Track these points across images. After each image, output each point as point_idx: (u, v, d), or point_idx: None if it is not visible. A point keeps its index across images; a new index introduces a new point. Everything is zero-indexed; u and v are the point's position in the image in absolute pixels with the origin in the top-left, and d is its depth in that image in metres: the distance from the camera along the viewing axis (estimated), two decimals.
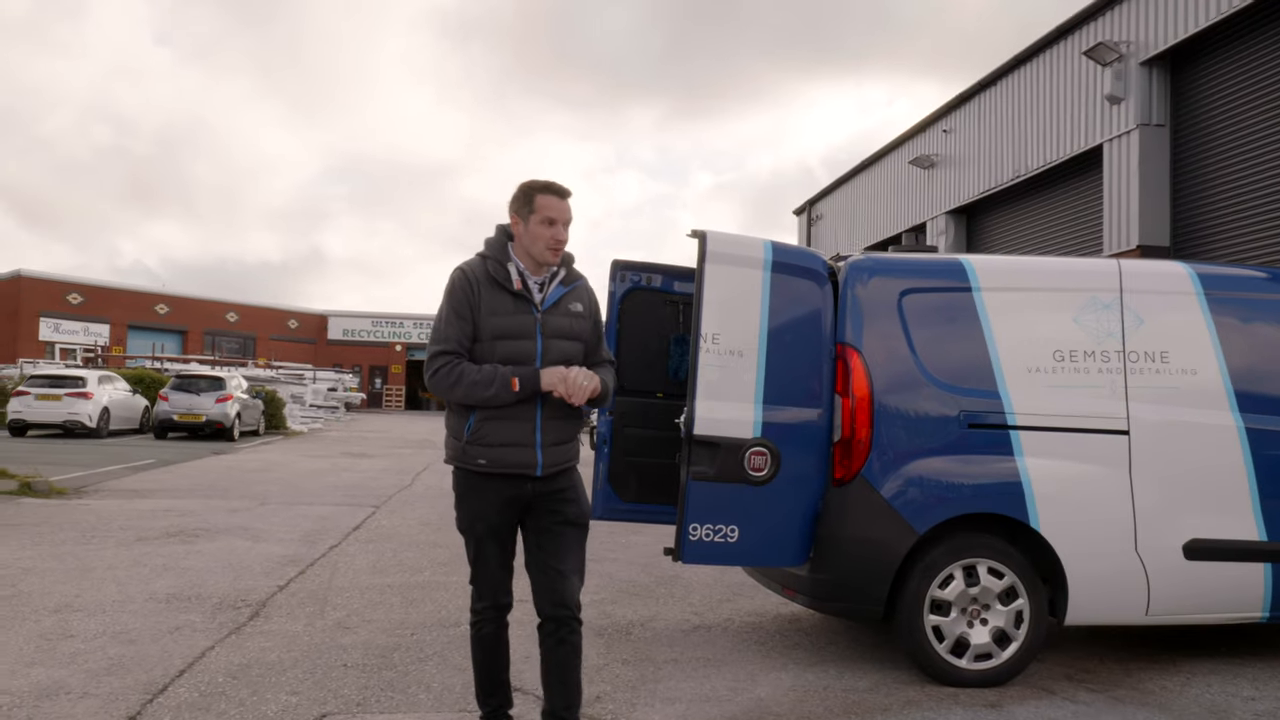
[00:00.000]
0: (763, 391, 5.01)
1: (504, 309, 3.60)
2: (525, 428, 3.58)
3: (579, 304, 3.76)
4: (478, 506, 3.66)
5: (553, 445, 3.64)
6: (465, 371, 3.53)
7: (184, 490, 13.29)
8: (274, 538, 9.33)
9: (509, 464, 3.58)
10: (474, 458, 3.60)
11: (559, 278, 3.72)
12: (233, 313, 53.91)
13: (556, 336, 3.65)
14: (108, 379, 25.57)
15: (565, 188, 3.67)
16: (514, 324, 3.60)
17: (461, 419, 3.63)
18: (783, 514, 5.04)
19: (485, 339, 3.58)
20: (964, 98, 17.70)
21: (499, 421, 3.57)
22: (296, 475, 16.06)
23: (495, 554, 3.73)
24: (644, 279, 6.41)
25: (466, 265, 3.69)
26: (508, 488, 3.62)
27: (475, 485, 3.66)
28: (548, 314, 3.66)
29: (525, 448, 3.58)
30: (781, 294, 5.09)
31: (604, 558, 8.60)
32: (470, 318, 3.59)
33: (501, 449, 3.57)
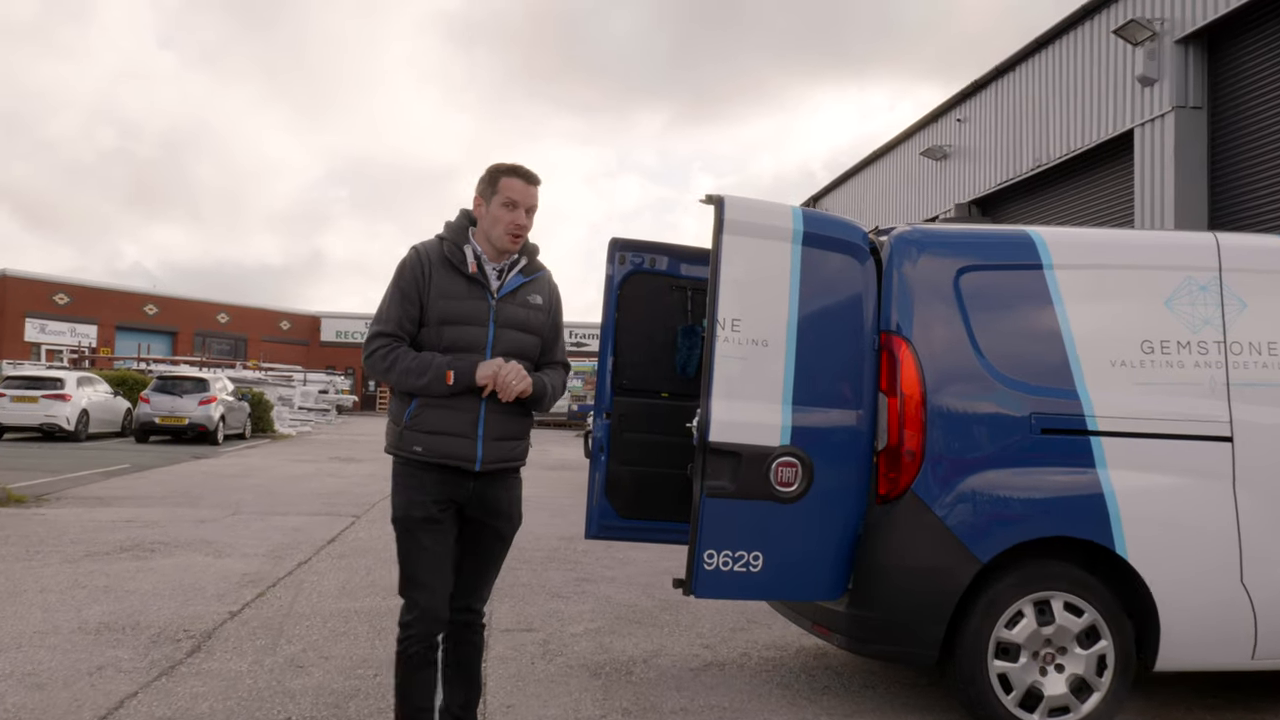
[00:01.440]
0: (792, 389, 4.15)
1: (456, 292, 3.42)
2: (467, 418, 3.39)
3: (538, 296, 3.57)
4: (413, 494, 3.43)
5: (495, 440, 3.44)
6: (400, 356, 3.37)
7: (153, 498, 12.42)
8: (238, 552, 8.47)
9: (446, 454, 3.38)
10: (410, 444, 3.40)
11: (519, 266, 3.53)
12: (224, 314, 53.02)
13: (510, 326, 3.47)
14: (87, 380, 24.68)
15: (534, 173, 3.49)
16: (465, 309, 3.42)
17: (403, 404, 3.44)
18: (815, 538, 4.18)
19: (433, 323, 3.41)
20: (979, 85, 16.82)
21: (440, 409, 3.38)
22: (276, 481, 15.20)
23: (430, 548, 3.42)
24: (646, 261, 5.56)
25: (421, 245, 3.51)
26: (444, 481, 3.42)
27: (411, 474, 3.44)
28: (503, 302, 3.47)
29: (465, 439, 3.39)
30: (814, 272, 4.23)
31: (598, 577, 7.73)
32: (417, 300, 3.41)
33: (439, 437, 3.38)
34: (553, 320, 3.63)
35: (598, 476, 5.45)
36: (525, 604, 6.70)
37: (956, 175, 17.86)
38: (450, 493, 3.43)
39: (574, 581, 7.53)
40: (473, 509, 3.49)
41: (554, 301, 3.66)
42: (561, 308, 3.71)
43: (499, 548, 3.63)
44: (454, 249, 3.47)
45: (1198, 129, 12.65)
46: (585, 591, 7.17)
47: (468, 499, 3.47)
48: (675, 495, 5.48)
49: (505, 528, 3.60)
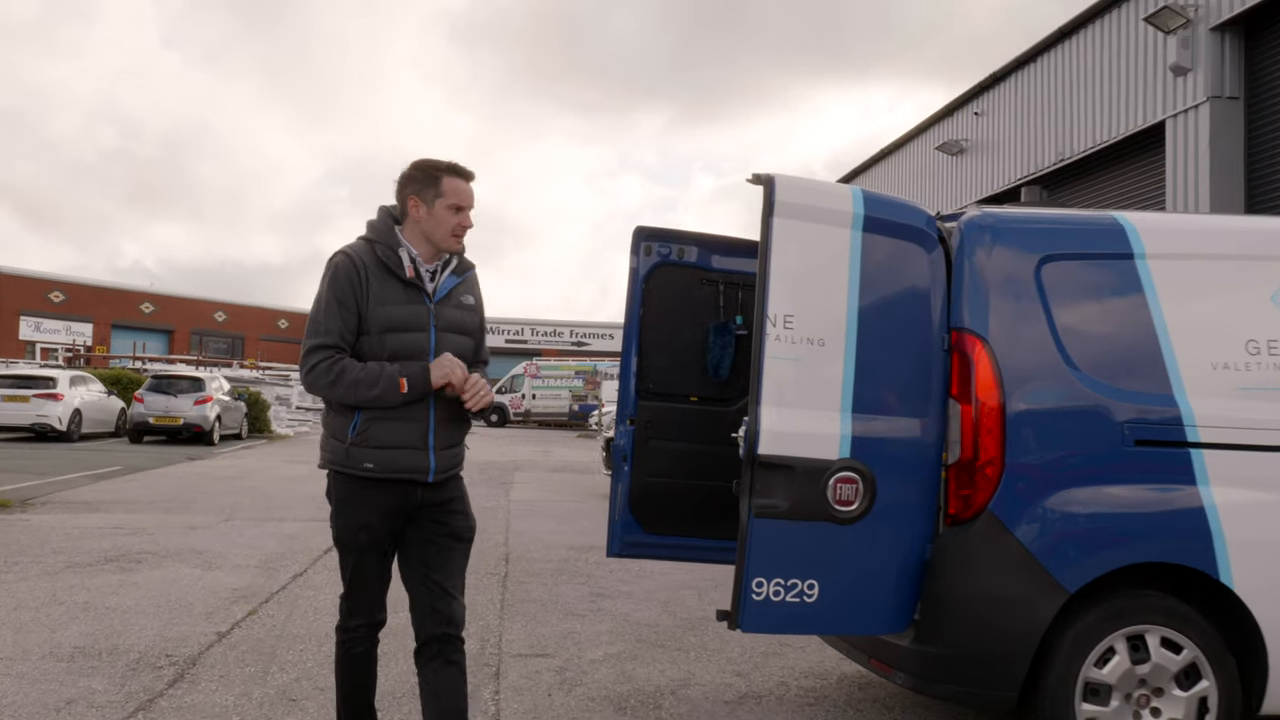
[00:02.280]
0: (852, 395, 3.65)
1: (395, 298, 3.28)
2: (417, 429, 3.28)
3: (470, 296, 3.49)
4: (362, 515, 3.32)
5: (445, 449, 3.36)
6: (347, 368, 3.21)
7: (143, 503, 11.92)
8: (230, 563, 7.97)
9: (399, 468, 3.27)
10: (360, 461, 3.26)
11: (451, 266, 3.42)
12: (221, 312, 52.51)
13: (449, 330, 3.37)
14: (81, 379, 24.16)
15: (471, 171, 3.39)
16: (406, 315, 3.28)
17: (345, 419, 3.28)
18: (877, 563, 3.68)
19: (374, 331, 3.26)
20: (998, 77, 16.28)
21: (388, 422, 3.25)
22: (272, 484, 14.70)
23: (376, 568, 3.42)
24: (674, 251, 5.08)
25: (351, 249, 3.33)
26: (394, 495, 3.30)
27: (359, 492, 3.30)
28: (440, 305, 3.37)
29: (417, 451, 3.29)
30: (877, 261, 3.73)
31: (614, 592, 7.23)
32: (355, 308, 3.25)
33: (392, 452, 3.26)
34: (481, 319, 3.56)
35: (620, 488, 4.96)
36: (538, 624, 6.20)
37: (974, 170, 17.32)
38: (398, 505, 3.33)
39: (589, 598, 7.03)
40: (425, 515, 3.38)
41: (480, 300, 3.57)
42: (483, 304, 3.60)
43: (459, 549, 3.46)
44: (389, 253, 3.32)
45: (1234, 120, 12.13)
46: (601, 609, 6.67)
47: (417, 507, 3.36)
48: (705, 509, 5.00)
49: (462, 526, 3.46)
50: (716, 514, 5.01)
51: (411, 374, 3.21)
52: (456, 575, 3.44)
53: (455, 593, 3.41)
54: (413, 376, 3.21)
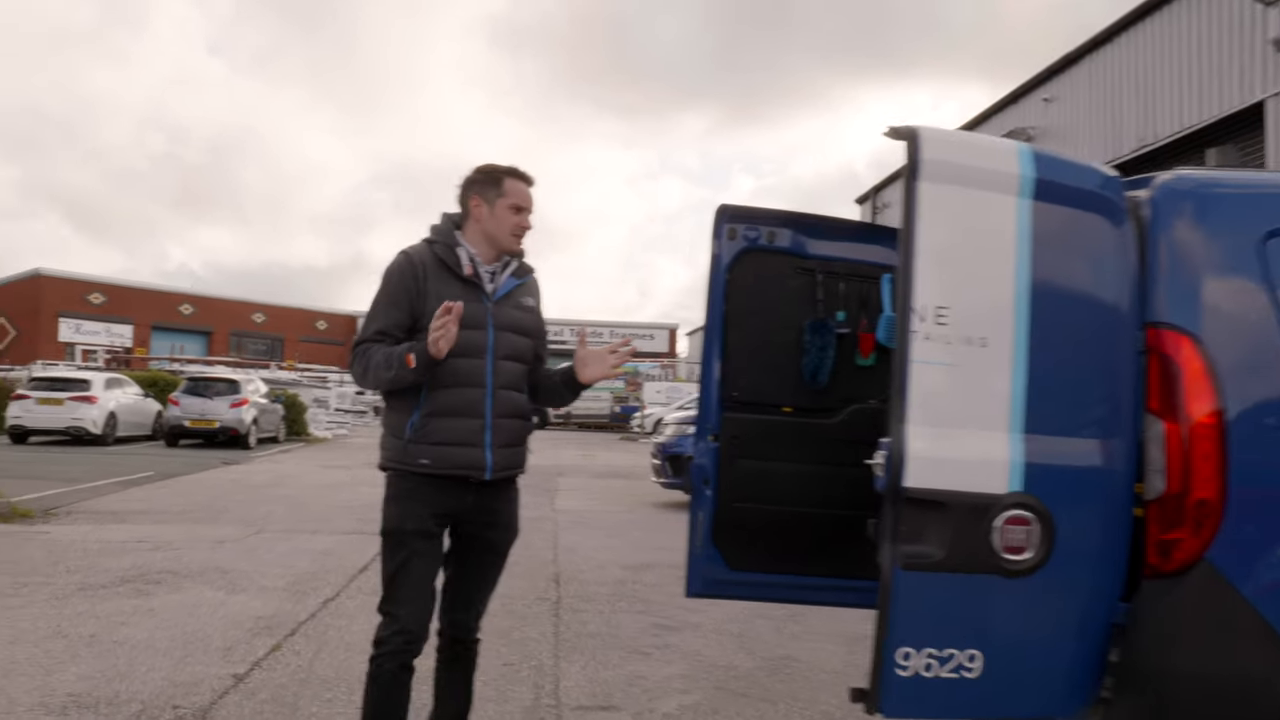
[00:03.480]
0: (1023, 410, 2.84)
1: (452, 296, 3.27)
2: (474, 425, 3.30)
3: (531, 298, 3.53)
4: (410, 509, 3.30)
5: (503, 447, 3.36)
6: (371, 355, 3.27)
7: (172, 513, 11.31)
8: (256, 585, 7.28)
9: (456, 464, 3.28)
10: (416, 457, 3.28)
11: (511, 269, 3.46)
12: (259, 314, 52.33)
13: (508, 329, 3.40)
14: (116, 382, 23.78)
15: (531, 175, 3.46)
16: (464, 312, 3.23)
17: (403, 416, 3.32)
18: (1055, 628, 2.86)
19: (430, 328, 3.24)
20: (1070, 59, 15.27)
21: (446, 419, 3.28)
22: (307, 491, 14.07)
23: (420, 566, 3.31)
24: (764, 235, 4.29)
25: (410, 249, 3.41)
26: (448, 496, 3.31)
27: (412, 488, 3.30)
28: (499, 305, 3.40)
29: (474, 448, 3.30)
30: (1051, 237, 2.92)
31: (680, 623, 6.44)
32: (408, 306, 3.31)
33: (448, 448, 3.27)
34: (542, 322, 3.60)
35: (702, 516, 4.18)
36: (600, 665, 5.42)
37: None
38: (450, 506, 3.33)
39: (652, 630, 6.25)
40: (470, 522, 3.40)
41: (540, 304, 3.60)
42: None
43: (493, 561, 3.52)
44: (448, 251, 3.37)
45: None
46: (669, 645, 5.88)
47: (466, 511, 3.36)
48: (802, 541, 4.22)
49: (502, 540, 3.51)
50: (816, 546, 4.23)
51: (417, 350, 3.18)
52: (485, 587, 3.52)
53: (476, 600, 3.50)
54: (419, 352, 3.18)
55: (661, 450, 13.49)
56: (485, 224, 3.40)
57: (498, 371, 3.34)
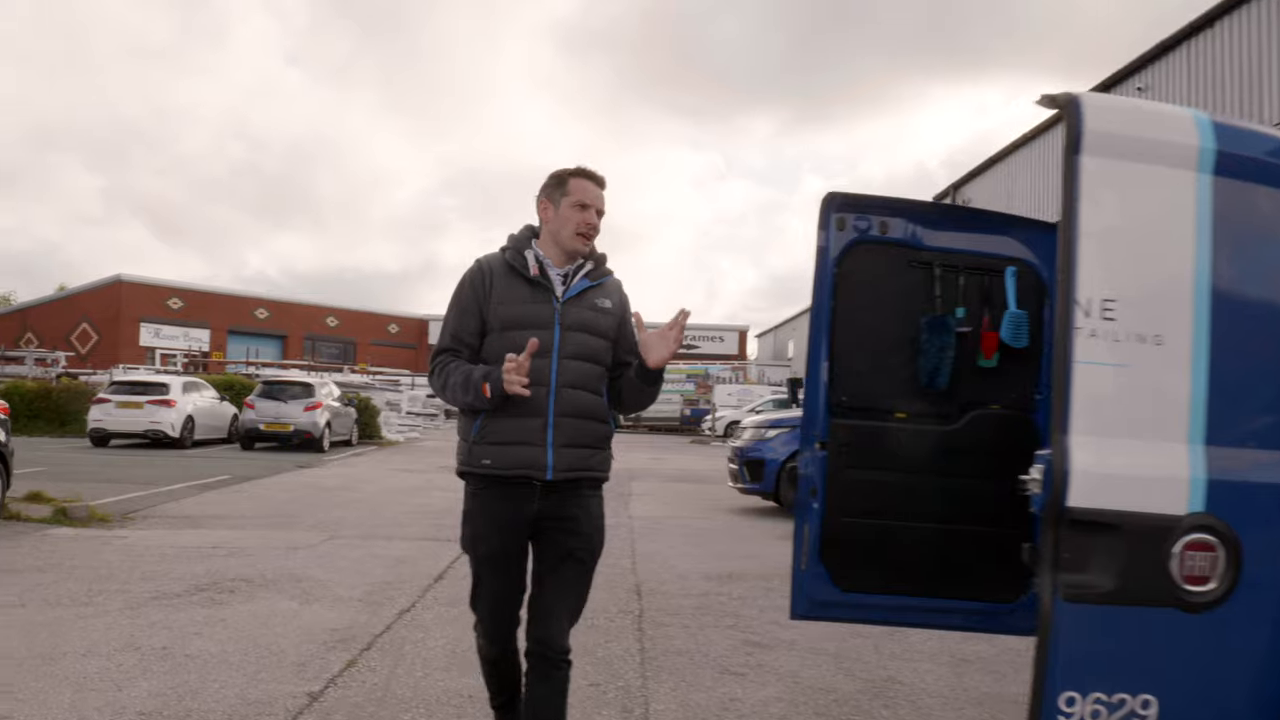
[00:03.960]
0: (1204, 416, 2.47)
1: (518, 297, 3.31)
2: (535, 424, 3.23)
3: (607, 300, 3.42)
4: (479, 527, 3.35)
5: (566, 446, 3.25)
6: (450, 373, 3.30)
7: (247, 517, 11.23)
8: (330, 595, 7.08)
9: (516, 464, 3.23)
10: (479, 458, 3.28)
11: (585, 270, 3.40)
12: (333, 317, 52.93)
13: (577, 329, 3.31)
14: (193, 386, 24.03)
15: (601, 175, 3.42)
16: (528, 313, 3.28)
17: (470, 419, 3.33)
18: (1241, 669, 2.48)
19: (496, 329, 3.31)
20: (1167, 46, 14.56)
21: (507, 419, 3.24)
22: (380, 495, 13.96)
23: (495, 585, 3.38)
24: (876, 225, 3.94)
25: (484, 257, 3.44)
26: (514, 507, 3.27)
27: (480, 497, 3.34)
28: (569, 305, 3.33)
29: (534, 446, 3.23)
30: (1235, 217, 2.54)
31: (772, 640, 6.10)
32: (476, 310, 3.35)
33: (508, 448, 3.24)
34: (625, 327, 3.47)
35: (808, 531, 3.85)
36: (690, 687, 5.10)
37: None
38: (520, 514, 3.29)
39: (743, 647, 5.91)
40: (545, 528, 3.32)
41: (624, 307, 3.49)
42: (630, 313, 3.51)
43: (575, 572, 3.36)
44: (515, 255, 3.38)
45: None
46: (762, 665, 5.53)
47: (537, 517, 3.30)
48: (920, 559, 3.86)
49: (582, 550, 3.36)
50: (934, 566, 3.87)
51: (494, 380, 3.17)
52: (566, 598, 3.35)
53: (559, 615, 3.33)
54: (495, 383, 3.17)
55: (739, 455, 13.12)
56: (551, 225, 3.39)
57: (563, 370, 3.27)
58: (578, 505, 3.34)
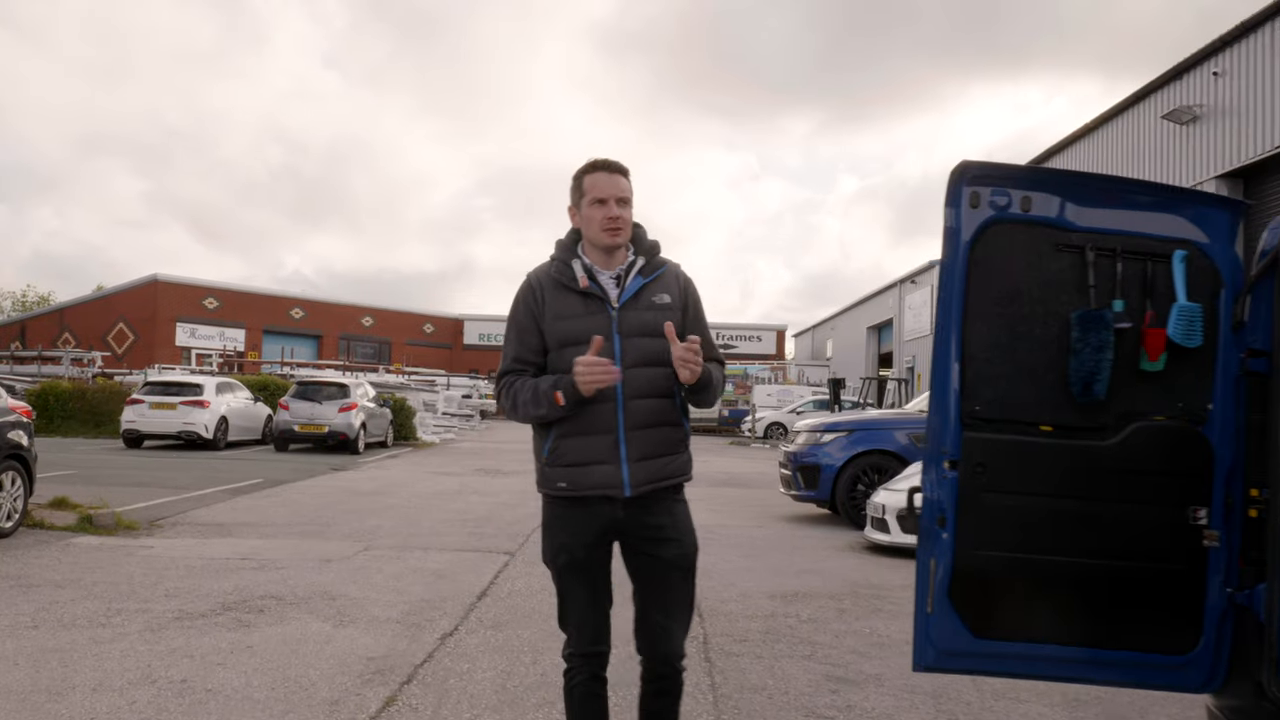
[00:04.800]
0: None
1: (572, 311, 3.19)
2: (606, 441, 3.12)
3: (665, 294, 3.24)
4: (559, 538, 3.23)
5: (642, 460, 3.13)
6: (519, 391, 3.19)
7: (279, 525, 10.72)
8: (366, 615, 6.52)
9: (591, 485, 3.13)
10: (554, 481, 3.19)
11: (637, 268, 3.24)
12: (368, 317, 52.73)
13: (637, 334, 3.18)
14: (227, 386, 23.68)
15: (616, 162, 3.26)
16: (585, 327, 3.14)
17: (541, 440, 3.25)
18: None
19: (554, 347, 3.19)
20: (1247, 27, 13.69)
21: (578, 437, 3.14)
22: (417, 500, 13.43)
23: (581, 594, 3.24)
24: (1017, 201, 3.30)
25: (534, 271, 3.33)
26: (593, 517, 3.16)
27: (559, 514, 3.24)
28: (625, 310, 3.19)
29: (608, 465, 3.12)
30: None
31: (856, 673, 5.46)
32: (533, 328, 3.23)
33: (581, 469, 3.13)
34: (692, 315, 3.30)
35: (937, 566, 3.22)
36: None
37: (1210, 142, 14.76)
38: (602, 526, 3.17)
39: (826, 684, 5.27)
40: (632, 537, 3.21)
41: (688, 295, 3.31)
42: (699, 299, 3.35)
43: (676, 579, 3.24)
44: (562, 267, 3.25)
45: None
46: (852, 707, 4.89)
47: (623, 528, 3.19)
48: (1071, 600, 3.22)
49: (678, 555, 3.23)
50: (1088, 609, 3.22)
51: (565, 386, 3.07)
52: (674, 606, 3.24)
53: (674, 627, 3.24)
54: (566, 389, 3.06)
55: (793, 460, 12.46)
56: (582, 229, 3.27)
57: (628, 381, 3.13)
58: (664, 513, 3.21)
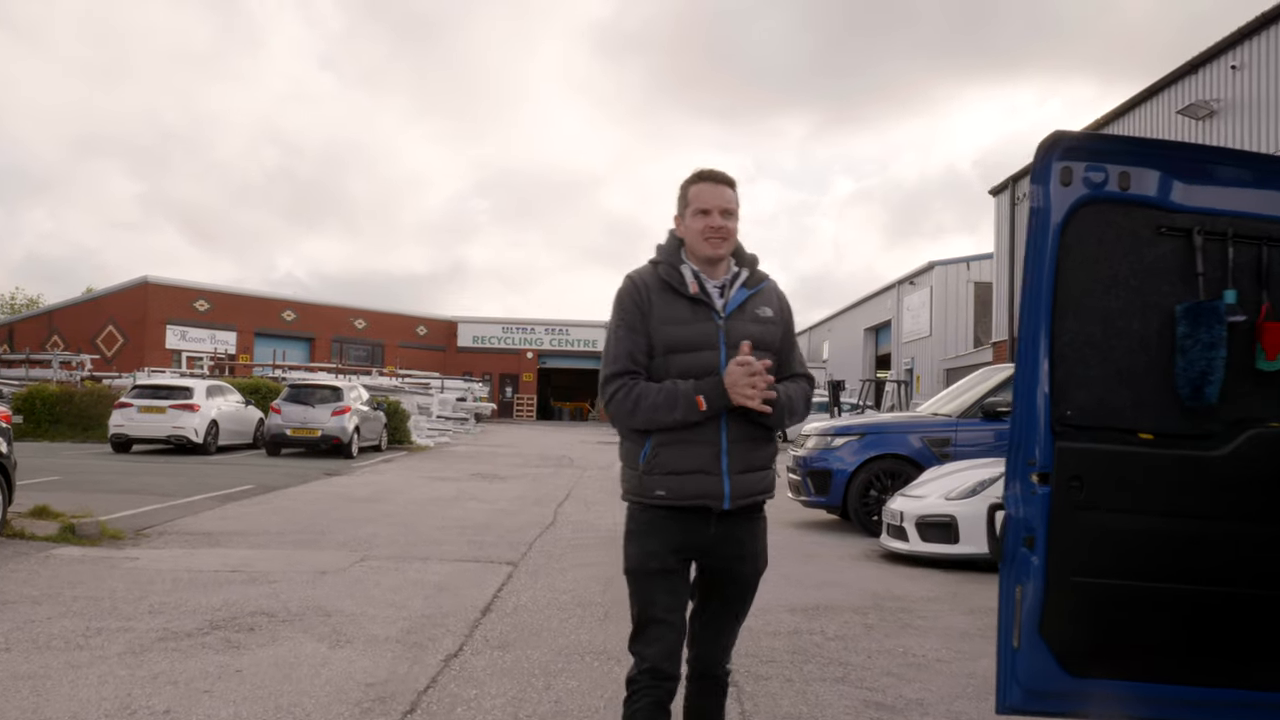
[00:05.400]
0: None
1: (680, 317, 3.17)
2: (708, 452, 3.11)
3: (768, 308, 3.28)
4: (650, 545, 3.17)
5: (742, 473, 3.15)
6: (643, 393, 3.10)
7: (270, 533, 10.30)
8: (364, 633, 6.11)
9: (692, 494, 3.11)
10: (652, 489, 3.14)
11: (741, 279, 3.27)
12: (360, 319, 52.20)
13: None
14: (218, 390, 23.20)
15: (722, 173, 3.26)
16: (693, 334, 3.15)
17: (637, 446, 3.19)
18: None
19: (659, 353, 3.17)
20: (1268, 18, 13.33)
21: (678, 446, 3.11)
22: (414, 507, 13.01)
23: (665, 601, 3.16)
24: (1114, 178, 2.89)
25: (635, 272, 3.31)
26: (688, 528, 3.15)
27: (652, 521, 3.17)
28: (731, 320, 3.19)
29: (710, 475, 3.10)
30: None
31: (895, 698, 5.07)
32: (643, 328, 3.18)
33: (683, 477, 3.11)
34: (785, 330, 3.31)
35: (1025, 595, 2.81)
36: None
37: (1227, 136, 14.35)
38: (691, 540, 3.16)
39: (866, 710, 4.86)
40: (714, 554, 3.20)
41: (784, 311, 3.33)
42: (792, 317, 3.38)
43: (740, 595, 3.31)
44: (670, 270, 3.22)
45: None
46: None
47: (710, 544, 3.17)
48: (1183, 633, 2.81)
49: (750, 572, 3.28)
50: (1204, 643, 2.81)
51: (707, 390, 3.03)
52: (732, 622, 3.34)
53: (726, 636, 3.33)
54: (709, 393, 3.03)
55: (803, 464, 12.05)
56: (686, 238, 3.26)
57: None
58: (747, 528, 3.24)
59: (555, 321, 57.32)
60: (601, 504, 14.03)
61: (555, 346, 57.20)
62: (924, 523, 9.30)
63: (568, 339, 57.05)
